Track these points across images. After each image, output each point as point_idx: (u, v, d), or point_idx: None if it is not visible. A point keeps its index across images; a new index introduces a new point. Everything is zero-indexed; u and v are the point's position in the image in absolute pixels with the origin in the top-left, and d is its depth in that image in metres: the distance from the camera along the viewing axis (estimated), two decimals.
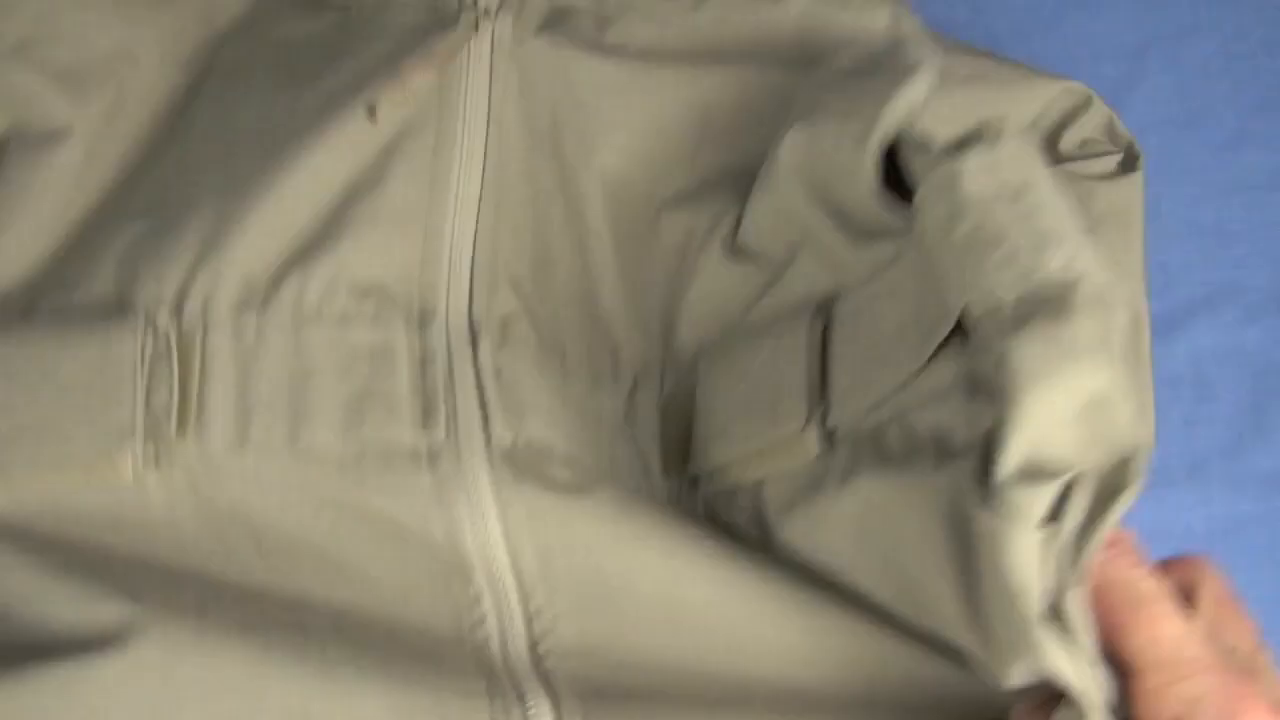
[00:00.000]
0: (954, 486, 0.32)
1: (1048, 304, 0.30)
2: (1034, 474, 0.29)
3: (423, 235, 0.42)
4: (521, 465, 0.38)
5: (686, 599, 0.37)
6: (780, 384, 0.38)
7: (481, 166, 0.43)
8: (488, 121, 0.44)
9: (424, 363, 0.40)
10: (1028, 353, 0.29)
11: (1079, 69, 0.61)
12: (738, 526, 0.40)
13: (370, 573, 0.38)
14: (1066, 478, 0.29)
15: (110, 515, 0.37)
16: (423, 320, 0.41)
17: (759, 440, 0.38)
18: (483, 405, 0.39)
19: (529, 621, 0.37)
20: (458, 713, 0.34)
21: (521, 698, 0.35)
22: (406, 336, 0.40)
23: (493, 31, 0.45)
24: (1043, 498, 0.29)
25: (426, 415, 0.39)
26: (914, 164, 0.36)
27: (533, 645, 0.37)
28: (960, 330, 0.33)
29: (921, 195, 0.34)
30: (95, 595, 0.34)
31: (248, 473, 0.38)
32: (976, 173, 0.33)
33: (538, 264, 0.43)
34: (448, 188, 0.43)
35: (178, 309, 0.39)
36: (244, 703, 0.33)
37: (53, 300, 0.40)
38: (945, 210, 0.33)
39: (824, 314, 0.38)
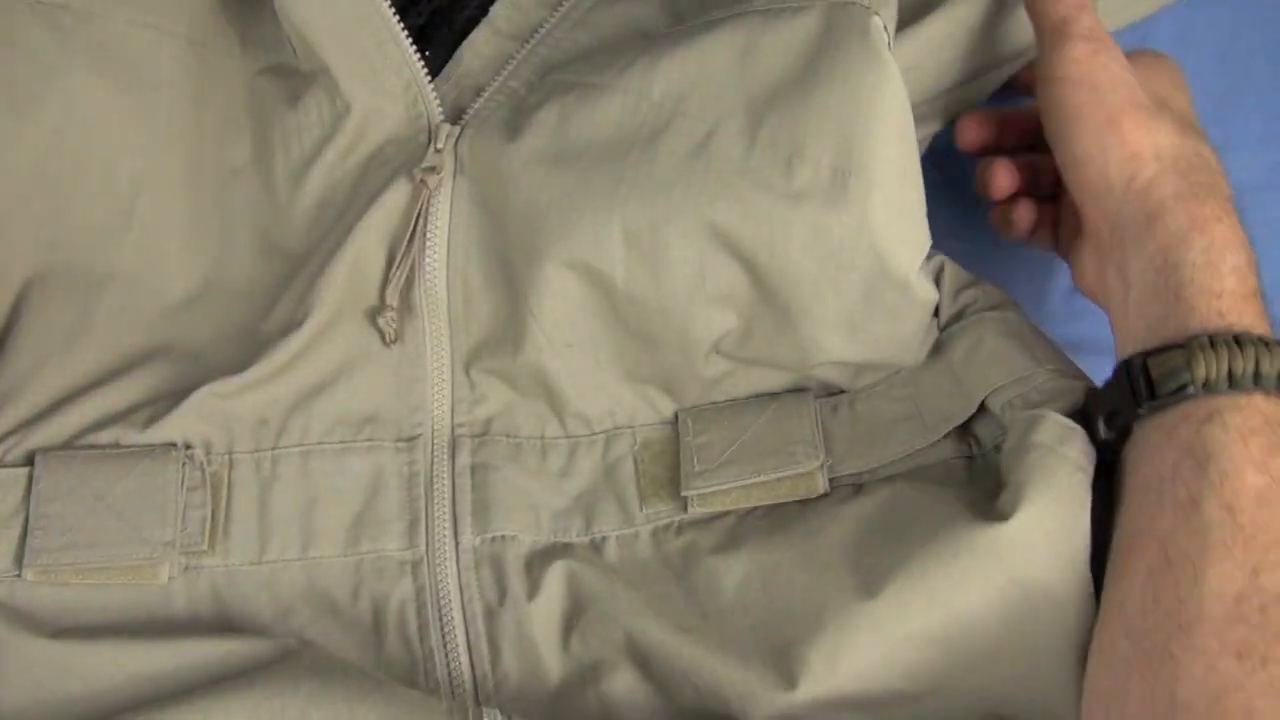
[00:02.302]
0: (958, 488, 0.47)
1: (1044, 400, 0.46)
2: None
3: (409, 364, 0.48)
4: (485, 563, 0.47)
5: None
6: (790, 435, 0.48)
7: (445, 289, 0.48)
8: (448, 247, 0.48)
9: (410, 480, 0.47)
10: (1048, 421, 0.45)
11: None
12: (696, 549, 0.47)
13: (355, 662, 0.45)
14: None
15: (138, 611, 0.45)
16: (410, 439, 0.48)
17: (772, 473, 0.47)
18: (455, 516, 0.47)
19: (476, 689, 0.46)
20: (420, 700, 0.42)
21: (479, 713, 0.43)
22: (395, 458, 0.48)
23: (453, 178, 0.48)
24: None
25: (411, 529, 0.47)
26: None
27: (477, 704, 0.45)
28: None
29: (949, 333, 0.49)
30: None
31: (262, 582, 0.46)
32: (995, 322, 0.49)
33: (515, 354, 0.48)
34: (421, 314, 0.48)
35: (208, 446, 0.47)
36: None
37: (90, 438, 0.46)
38: (971, 341, 0.48)
39: (817, 394, 0.49)
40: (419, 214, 0.47)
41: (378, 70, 0.49)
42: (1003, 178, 0.53)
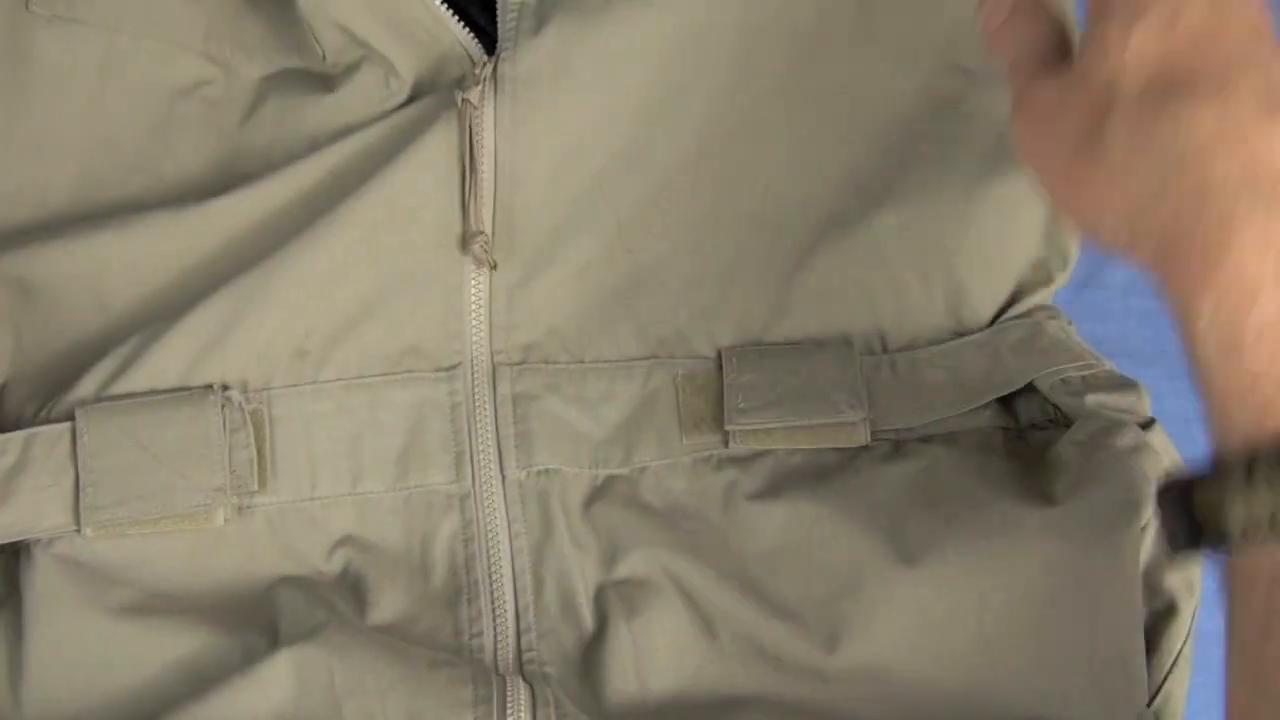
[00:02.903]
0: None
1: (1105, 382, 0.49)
2: None
3: (444, 293, 0.48)
4: (531, 498, 0.47)
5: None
6: (835, 384, 0.48)
7: (493, 208, 0.48)
8: (495, 168, 0.48)
9: (453, 412, 0.48)
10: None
11: None
12: (735, 492, 0.48)
13: (394, 599, 0.46)
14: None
15: (194, 558, 0.46)
16: (450, 369, 0.48)
17: (814, 419, 0.48)
18: (499, 448, 0.47)
19: (519, 637, 0.46)
20: (445, 685, 0.43)
21: (503, 684, 0.43)
22: (436, 388, 0.48)
23: (494, 101, 0.48)
24: None
25: (457, 462, 0.47)
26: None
27: (519, 654, 0.46)
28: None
29: (1005, 325, 0.51)
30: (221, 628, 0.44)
31: (314, 517, 0.47)
32: (1053, 325, 0.51)
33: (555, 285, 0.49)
34: (460, 242, 0.48)
35: (244, 385, 0.47)
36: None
37: (123, 385, 0.46)
38: (1028, 332, 0.50)
39: (859, 350, 0.49)
40: (469, 134, 0.47)
41: (419, 39, 0.48)
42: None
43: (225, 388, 0.47)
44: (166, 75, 0.49)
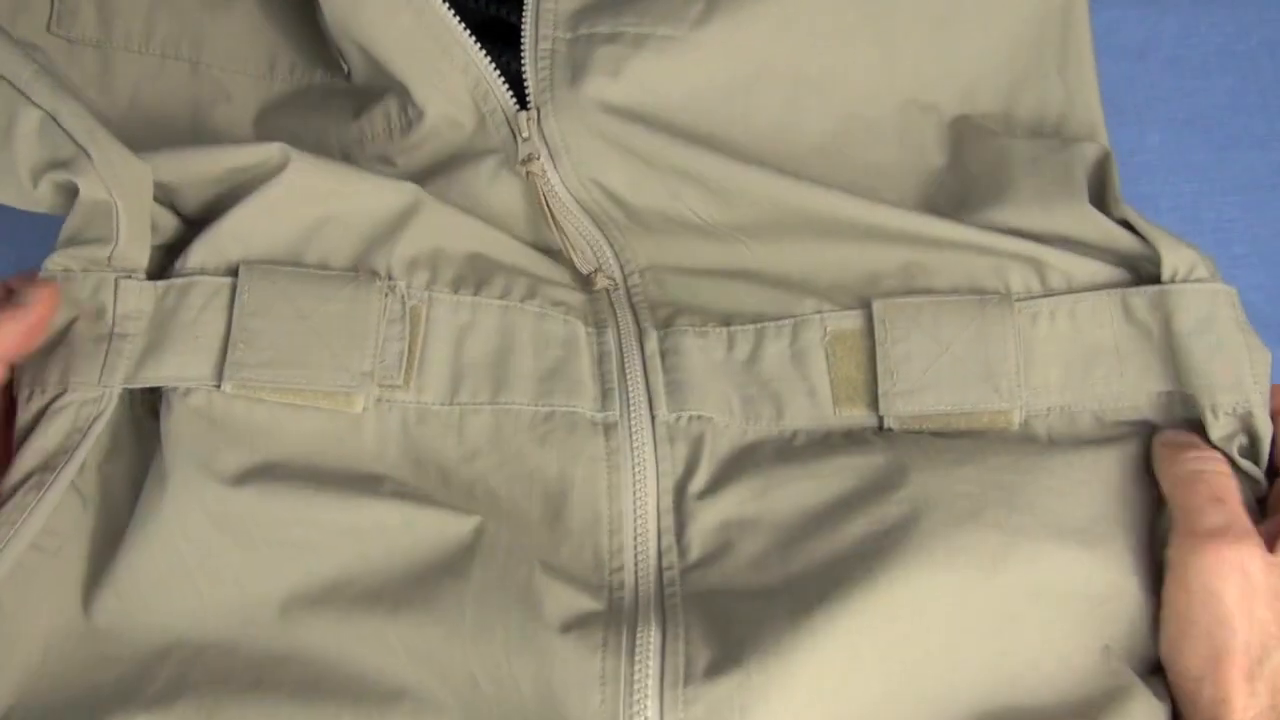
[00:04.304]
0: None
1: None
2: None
3: (596, 260, 0.51)
4: (681, 439, 0.47)
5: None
6: (994, 361, 0.46)
7: (601, 232, 0.50)
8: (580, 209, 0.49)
9: (600, 358, 0.48)
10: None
11: None
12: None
13: (533, 519, 0.45)
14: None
15: (326, 439, 0.45)
16: (599, 326, 0.49)
17: (975, 405, 0.46)
18: (649, 392, 0.47)
19: (660, 573, 0.45)
20: (574, 656, 0.42)
21: (632, 639, 0.42)
22: (587, 336, 0.48)
23: (553, 159, 0.49)
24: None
25: (604, 397, 0.47)
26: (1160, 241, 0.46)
27: (660, 590, 0.44)
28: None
29: (1183, 291, 0.45)
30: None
31: (451, 423, 0.46)
32: (1231, 304, 0.45)
33: (686, 252, 0.50)
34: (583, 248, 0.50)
35: (410, 280, 0.47)
36: None
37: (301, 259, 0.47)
38: (1202, 316, 0.45)
39: (1011, 306, 0.46)
40: (544, 202, 0.49)
41: (444, 73, 0.48)
42: None
43: (391, 277, 0.46)
44: (189, 90, 0.50)
